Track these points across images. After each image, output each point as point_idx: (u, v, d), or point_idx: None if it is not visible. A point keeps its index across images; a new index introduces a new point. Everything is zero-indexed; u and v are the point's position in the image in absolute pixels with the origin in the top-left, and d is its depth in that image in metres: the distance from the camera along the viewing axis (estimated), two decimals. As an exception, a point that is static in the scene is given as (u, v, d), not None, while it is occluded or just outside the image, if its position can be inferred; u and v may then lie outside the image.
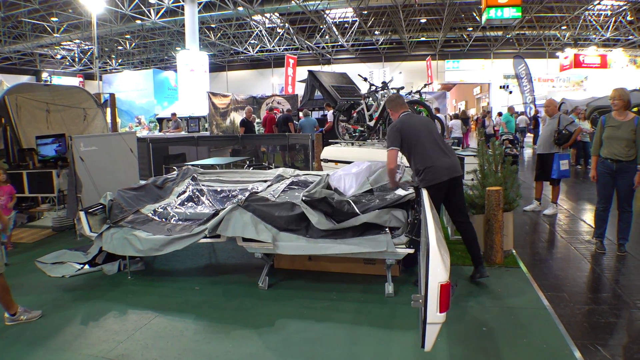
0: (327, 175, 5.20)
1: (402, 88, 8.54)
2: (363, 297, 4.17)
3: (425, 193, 3.60)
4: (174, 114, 15.24)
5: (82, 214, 4.82)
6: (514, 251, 5.43)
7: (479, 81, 37.52)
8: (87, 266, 5.08)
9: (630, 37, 28.61)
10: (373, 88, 8.61)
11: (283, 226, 4.33)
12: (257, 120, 18.47)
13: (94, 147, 6.56)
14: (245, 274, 4.84)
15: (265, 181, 6.06)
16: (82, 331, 3.62)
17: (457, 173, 4.41)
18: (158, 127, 17.28)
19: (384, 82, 8.32)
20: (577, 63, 27.02)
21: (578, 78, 31.93)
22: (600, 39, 29.69)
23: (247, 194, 5.60)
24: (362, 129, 8.86)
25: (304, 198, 4.37)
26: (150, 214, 5.18)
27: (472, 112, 36.69)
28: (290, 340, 3.41)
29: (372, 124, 8.54)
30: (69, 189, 6.25)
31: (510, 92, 29.37)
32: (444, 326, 3.01)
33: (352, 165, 5.33)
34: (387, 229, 4.23)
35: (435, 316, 2.31)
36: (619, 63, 26.91)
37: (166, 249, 4.39)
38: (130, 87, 25.28)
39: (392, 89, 8.30)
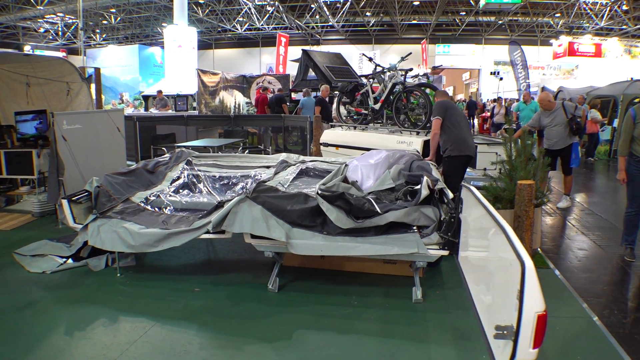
0: (346, 165, 4.67)
1: (411, 69, 8.02)
2: (387, 303, 3.70)
3: (477, 193, 3.10)
4: (159, 91, 14.47)
5: (64, 203, 4.22)
6: (539, 250, 5.03)
7: (469, 66, 37.10)
8: (70, 260, 4.53)
9: (624, 26, 28.36)
10: (379, 69, 8.07)
11: (296, 221, 3.81)
12: (247, 100, 17.79)
13: (77, 125, 5.91)
14: (249, 272, 4.32)
15: (267, 167, 5.51)
16: (66, 344, 3.07)
17: (473, 153, 5.72)
18: (144, 105, 16.46)
19: (391, 63, 7.79)
20: (572, 51, 26.68)
21: (569, 66, 31.66)
22: (594, 27, 29.39)
23: (249, 181, 5.09)
24: (365, 112, 8.35)
25: (320, 192, 3.85)
26: (141, 203, 4.62)
27: (459, 97, 36.32)
28: (311, 358, 2.92)
29: (377, 107, 8.03)
30: (50, 172, 5.63)
31: (501, 79, 28.99)
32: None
33: (369, 155, 4.81)
34: (414, 228, 3.76)
35: (527, 353, 1.85)
36: (614, 52, 26.62)
37: (162, 245, 3.85)
38: (115, 62, 24.19)
39: (399, 70, 7.77)
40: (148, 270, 4.41)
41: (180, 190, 5.02)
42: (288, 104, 14.38)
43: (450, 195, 3.86)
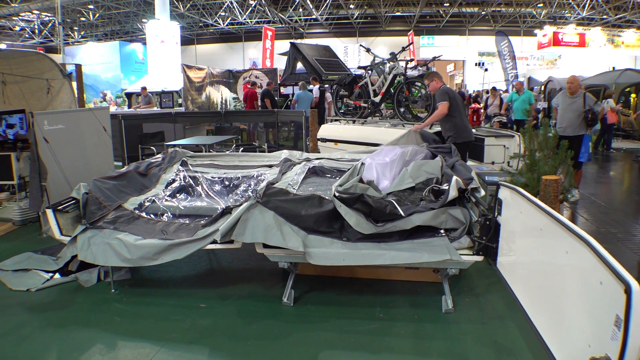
0: (362, 164, 4.31)
1: (412, 60, 7.68)
2: (416, 315, 3.36)
3: (530, 196, 2.76)
4: (144, 88, 13.88)
5: (49, 213, 3.77)
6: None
7: (453, 58, 36.98)
8: (57, 275, 4.09)
9: (605, 16, 28.45)
10: (378, 60, 7.71)
11: (312, 227, 3.44)
12: (234, 95, 17.30)
13: (60, 126, 5.44)
14: (258, 283, 3.94)
15: (269, 166, 5.13)
16: (58, 379, 2.67)
17: (473, 139, 5.91)
18: (127, 103, 15.84)
19: (392, 53, 7.43)
20: (556, 41, 26.60)
21: (552, 56, 31.78)
22: (575, 17, 29.45)
23: (252, 182, 4.70)
24: (365, 105, 7.99)
25: (337, 194, 3.48)
26: (135, 210, 4.19)
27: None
28: (345, 386, 2.57)
29: (377, 100, 7.67)
30: (32, 177, 5.15)
31: (486, 70, 28.89)
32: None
33: (382, 152, 4.44)
34: (442, 231, 3.43)
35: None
36: (597, 42, 26.64)
37: (162, 257, 3.43)
38: (95, 60, 23.26)
39: (400, 60, 7.43)
40: (146, 284, 3.99)
41: (177, 194, 4.61)
42: (277, 98, 13.97)
43: (482, 193, 3.53)
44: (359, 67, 8.49)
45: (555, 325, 2.15)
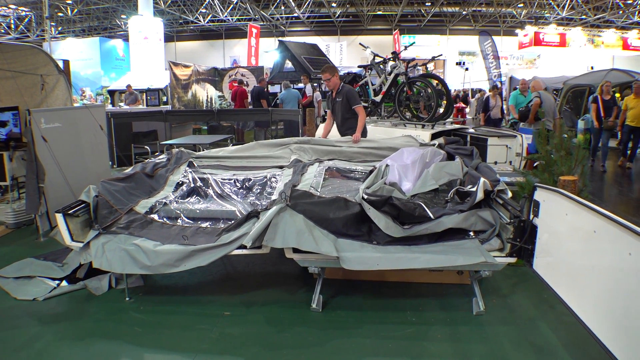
0: (387, 166, 4.20)
1: (414, 59, 7.64)
2: (448, 317, 3.30)
3: (585, 202, 2.70)
4: (129, 86, 13.53)
5: (59, 217, 3.56)
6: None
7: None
8: (64, 282, 3.88)
9: (584, 16, 29.04)
10: (379, 59, 7.64)
11: (340, 230, 3.33)
12: (220, 93, 17.03)
13: (57, 124, 5.20)
14: (280, 287, 3.81)
15: (280, 167, 4.99)
16: (87, 396, 2.50)
17: None
18: (110, 101, 15.41)
19: (394, 53, 7.38)
20: (537, 41, 26.99)
21: (531, 56, 32.34)
22: (555, 17, 29.99)
23: (266, 184, 4.56)
24: (365, 104, 7.90)
25: (365, 196, 3.38)
26: (148, 214, 4.00)
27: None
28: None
29: (378, 99, 7.60)
30: (28, 178, 4.90)
31: (467, 69, 29.11)
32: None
33: (402, 154, 4.36)
34: (471, 233, 3.36)
35: None
36: (578, 42, 27.16)
37: (185, 264, 3.27)
38: (75, 56, 22.49)
39: (401, 59, 7.37)
40: (161, 291, 3.81)
41: (189, 197, 4.44)
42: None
43: (509, 195, 3.48)
44: (359, 66, 8.42)
45: (620, 330, 2.10)
